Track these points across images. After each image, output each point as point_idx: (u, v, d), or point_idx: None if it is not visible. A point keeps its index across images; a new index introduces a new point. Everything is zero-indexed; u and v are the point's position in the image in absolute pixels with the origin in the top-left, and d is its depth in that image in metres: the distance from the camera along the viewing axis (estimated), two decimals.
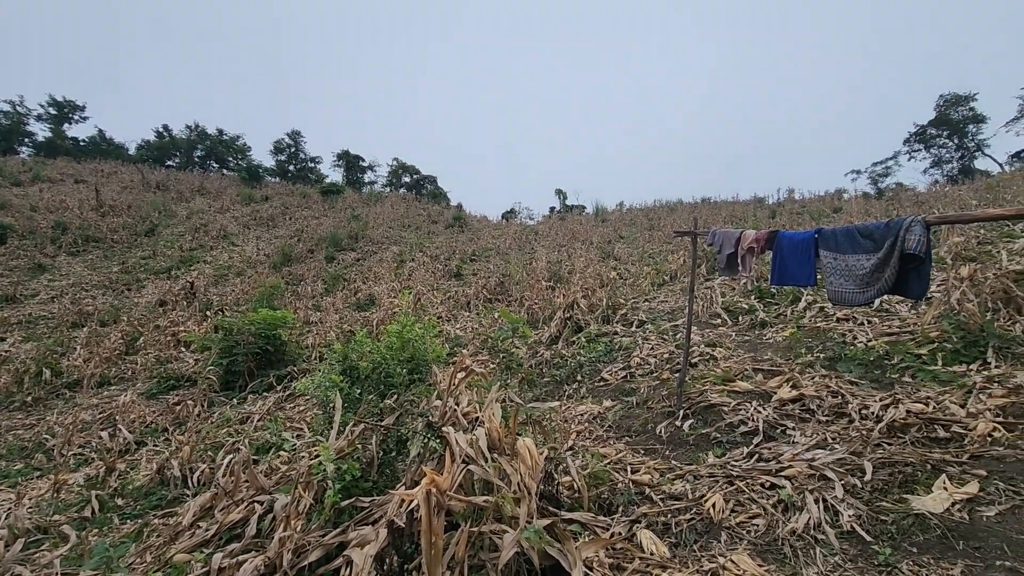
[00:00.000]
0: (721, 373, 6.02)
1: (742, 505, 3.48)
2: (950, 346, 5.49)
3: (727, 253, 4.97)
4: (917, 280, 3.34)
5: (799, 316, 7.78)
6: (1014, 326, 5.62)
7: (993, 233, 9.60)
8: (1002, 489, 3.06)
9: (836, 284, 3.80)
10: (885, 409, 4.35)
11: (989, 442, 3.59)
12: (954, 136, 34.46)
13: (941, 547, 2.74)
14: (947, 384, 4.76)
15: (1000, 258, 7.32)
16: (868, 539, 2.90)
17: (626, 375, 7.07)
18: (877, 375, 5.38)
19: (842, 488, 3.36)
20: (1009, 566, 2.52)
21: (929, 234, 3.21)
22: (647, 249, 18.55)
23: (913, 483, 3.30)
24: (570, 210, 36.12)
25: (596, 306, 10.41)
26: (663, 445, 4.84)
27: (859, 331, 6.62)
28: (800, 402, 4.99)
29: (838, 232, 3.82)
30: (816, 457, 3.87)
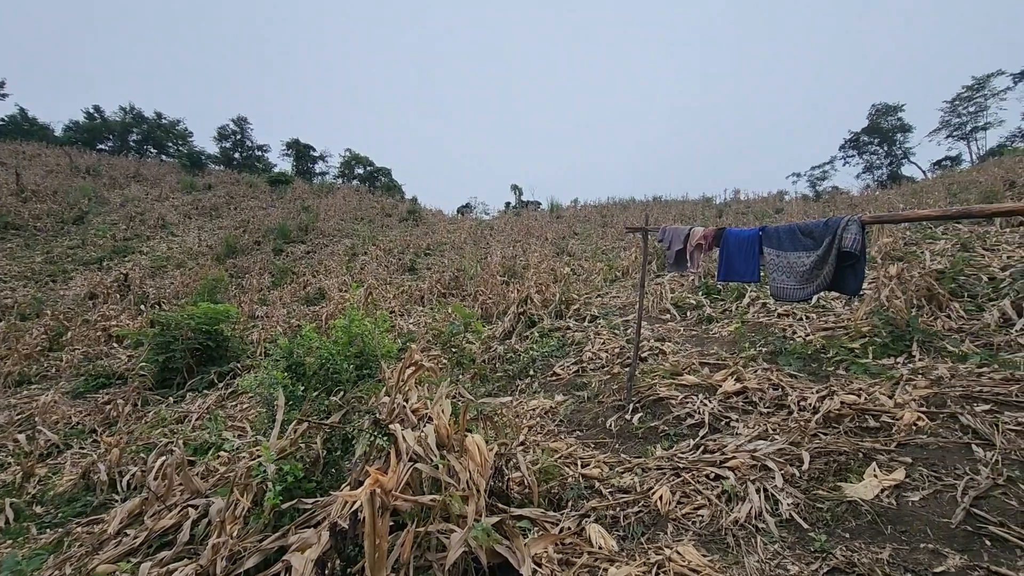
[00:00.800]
0: (669, 367, 6.15)
1: (688, 497, 3.55)
2: (880, 340, 5.80)
3: (676, 250, 5.05)
4: (853, 277, 3.48)
5: (743, 312, 8.06)
6: (936, 321, 6.00)
7: (918, 235, 10.24)
8: (925, 475, 3.24)
9: (779, 281, 3.92)
10: (821, 401, 4.54)
11: (914, 431, 3.79)
12: (884, 144, 36.69)
13: (871, 532, 2.87)
14: (877, 376, 5.02)
15: (924, 258, 7.82)
16: (805, 526, 3.01)
17: (578, 370, 7.12)
18: (814, 368, 5.62)
19: (782, 478, 3.47)
20: (932, 548, 2.66)
21: (864, 233, 3.35)
22: (600, 245, 18.80)
23: (846, 471, 3.45)
24: (525, 206, 36.25)
25: (549, 301, 10.45)
26: (613, 439, 4.89)
27: (798, 326, 6.92)
28: (744, 395, 5.15)
29: (781, 230, 3.94)
30: (758, 448, 4.00)
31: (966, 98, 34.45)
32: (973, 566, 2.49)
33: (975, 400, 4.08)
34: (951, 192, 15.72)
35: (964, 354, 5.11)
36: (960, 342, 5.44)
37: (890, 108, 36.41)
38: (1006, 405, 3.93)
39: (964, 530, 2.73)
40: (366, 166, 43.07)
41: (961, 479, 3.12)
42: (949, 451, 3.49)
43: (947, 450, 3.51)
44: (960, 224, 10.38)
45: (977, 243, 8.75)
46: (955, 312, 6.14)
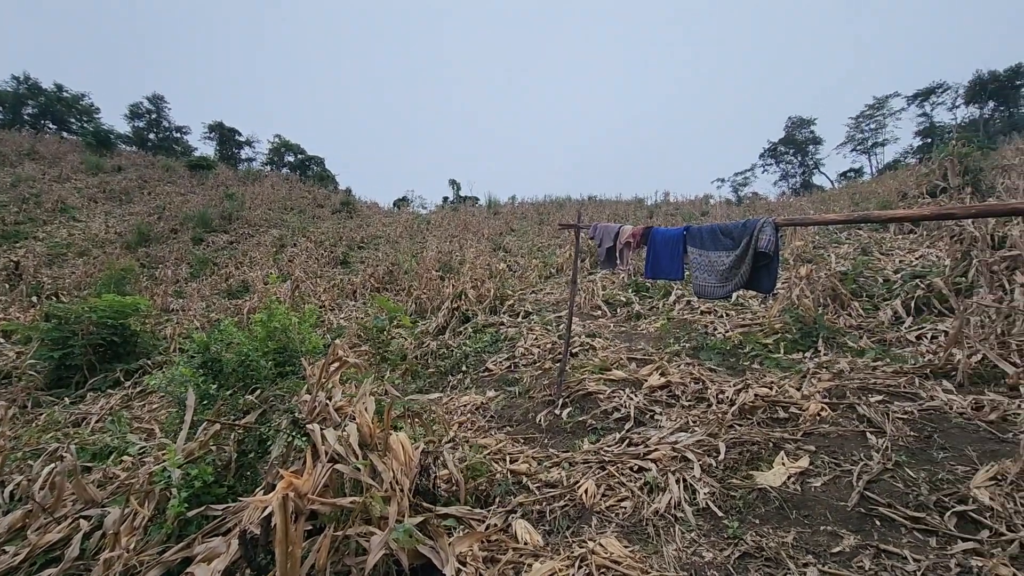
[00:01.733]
0: (599, 363, 6.28)
1: (612, 489, 3.62)
2: (791, 336, 6.20)
3: (606, 247, 5.15)
4: (767, 276, 3.67)
5: (669, 309, 8.38)
6: (839, 319, 6.49)
7: (826, 239, 11.08)
8: (827, 462, 3.48)
9: (700, 279, 4.07)
10: (738, 394, 4.78)
11: (818, 421, 4.07)
12: (798, 154, 39.51)
13: (778, 517, 3.04)
14: (787, 370, 5.36)
15: (830, 260, 8.44)
16: (720, 514, 3.14)
17: (510, 365, 7.14)
18: (733, 362, 5.92)
19: (700, 468, 3.62)
20: (831, 530, 2.85)
21: (777, 235, 3.54)
22: (536, 242, 18.98)
23: (758, 460, 3.65)
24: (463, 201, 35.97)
25: (484, 297, 10.41)
26: (542, 434, 4.92)
27: (719, 323, 7.27)
28: (668, 389, 5.34)
29: (703, 230, 4.10)
30: (679, 440, 4.15)
31: (868, 116, 37.74)
32: (865, 545, 2.68)
33: (870, 391, 4.44)
34: (854, 201, 17.12)
35: (862, 349, 5.55)
36: (859, 338, 5.91)
37: (804, 121, 39.25)
38: (896, 396, 4.30)
39: (858, 512, 2.95)
40: (297, 154, 41.19)
41: (857, 465, 3.38)
42: (847, 439, 3.77)
43: (846, 438, 3.79)
44: (861, 230, 11.32)
45: (875, 248, 9.57)
46: (855, 311, 6.67)
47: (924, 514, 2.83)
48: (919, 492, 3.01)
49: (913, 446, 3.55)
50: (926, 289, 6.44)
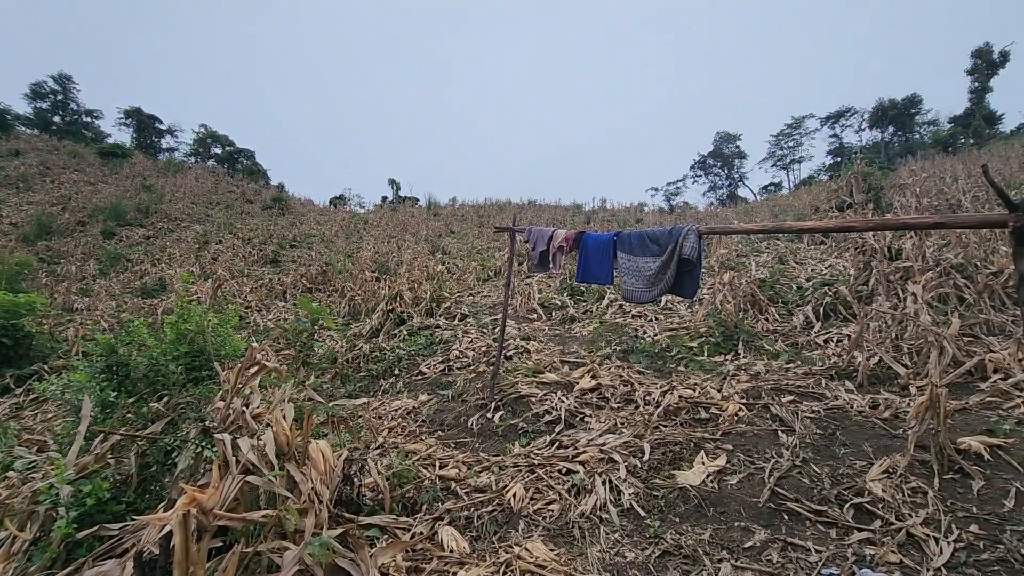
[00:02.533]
0: (532, 366, 6.31)
1: (540, 493, 3.63)
2: (714, 340, 6.49)
3: (540, 251, 5.19)
4: (690, 282, 3.82)
5: (603, 312, 8.57)
6: (757, 323, 6.88)
7: (747, 248, 11.73)
8: (742, 460, 3.66)
9: (629, 283, 4.18)
10: (663, 395, 4.94)
11: (736, 420, 4.28)
12: (725, 167, 41.82)
13: (697, 515, 3.16)
14: (710, 372, 5.61)
15: (750, 268, 8.94)
16: (643, 514, 3.22)
17: (444, 368, 7.04)
18: (660, 365, 6.13)
19: (625, 469, 3.70)
20: (744, 526, 2.99)
21: (701, 242, 3.68)
22: (476, 245, 18.92)
23: (680, 460, 3.78)
24: (403, 201, 35.32)
25: (421, 299, 10.24)
26: (474, 438, 4.87)
27: (648, 327, 7.52)
28: (598, 391, 5.44)
29: (632, 236, 4.21)
30: (607, 442, 4.23)
31: (786, 134, 40.55)
32: (774, 539, 2.83)
33: (783, 392, 4.72)
34: (774, 212, 18.28)
35: (777, 352, 5.90)
36: (775, 341, 6.28)
37: (730, 136, 41.63)
38: (805, 395, 4.60)
39: (769, 508, 3.11)
40: (225, 146, 38.96)
41: (769, 462, 3.57)
42: (761, 438, 3.98)
43: (760, 437, 4.00)
44: (779, 240, 12.08)
45: (791, 257, 10.23)
46: (772, 315, 7.09)
47: (826, 507, 3.03)
48: (822, 487, 3.22)
49: (818, 443, 3.80)
50: (833, 296, 6.95)
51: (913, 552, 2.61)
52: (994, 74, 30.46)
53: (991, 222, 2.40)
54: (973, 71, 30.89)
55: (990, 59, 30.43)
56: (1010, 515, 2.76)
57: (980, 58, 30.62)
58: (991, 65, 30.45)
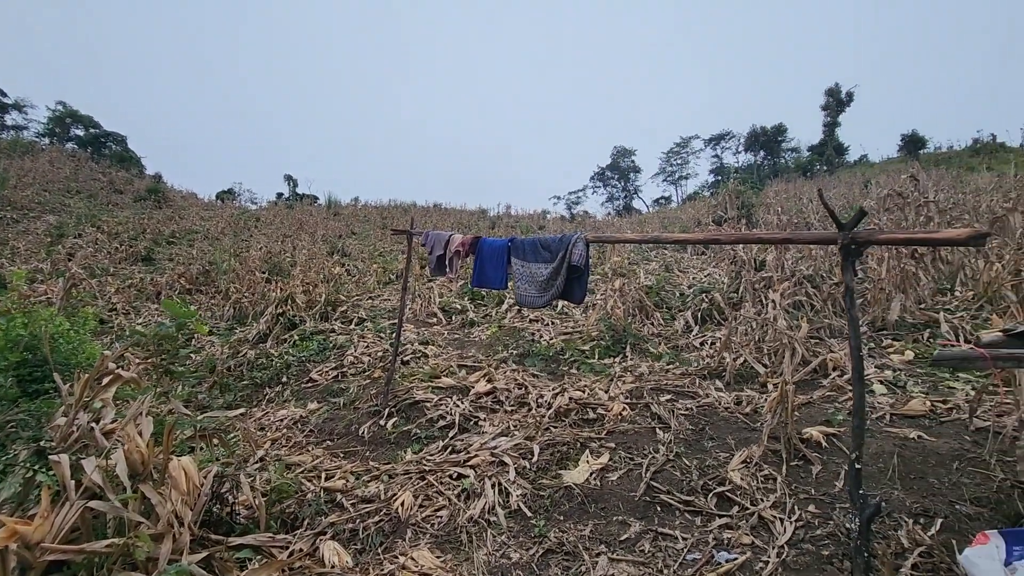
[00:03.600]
0: (429, 370, 6.24)
1: (430, 499, 3.58)
2: (604, 343, 6.83)
3: (437, 255, 5.15)
4: (579, 288, 3.99)
5: (501, 317, 8.69)
6: (644, 327, 7.34)
7: (638, 257, 12.50)
8: (623, 457, 3.87)
9: (522, 288, 4.27)
10: (555, 397, 5.10)
11: (619, 419, 4.52)
12: (621, 180, 44.36)
13: (580, 512, 3.29)
14: (600, 374, 5.88)
15: (639, 275, 9.53)
16: (529, 514, 3.29)
17: (338, 375, 6.76)
18: (554, 368, 6.32)
19: (515, 471, 3.76)
20: (621, 519, 3.16)
21: (588, 250, 3.85)
22: (379, 247, 18.39)
23: (567, 459, 3.92)
24: (300, 199, 33.43)
25: (315, 302, 9.76)
26: (365, 446, 4.71)
27: (545, 331, 7.74)
28: (493, 395, 5.49)
29: (526, 242, 4.31)
30: (499, 444, 4.28)
31: (675, 152, 43.90)
32: (648, 531, 3.02)
33: (662, 391, 5.07)
34: (663, 224, 19.66)
35: (660, 354, 6.33)
36: (658, 344, 6.74)
37: (627, 151, 44.27)
38: (681, 394, 4.97)
39: (644, 501, 3.32)
40: (89, 127, 34.38)
41: (646, 458, 3.81)
42: (641, 435, 4.24)
43: (640, 434, 4.26)
44: (667, 251, 13.01)
45: (675, 266, 11.06)
46: (657, 320, 7.60)
47: (694, 497, 3.29)
48: (691, 478, 3.50)
49: (690, 438, 4.12)
50: (709, 302, 7.60)
51: (763, 533, 2.91)
52: (842, 111, 35.17)
53: (825, 239, 2.74)
54: (826, 107, 35.46)
55: (839, 98, 35.12)
56: (839, 494, 3.16)
57: (832, 96, 35.22)
58: (840, 103, 35.14)
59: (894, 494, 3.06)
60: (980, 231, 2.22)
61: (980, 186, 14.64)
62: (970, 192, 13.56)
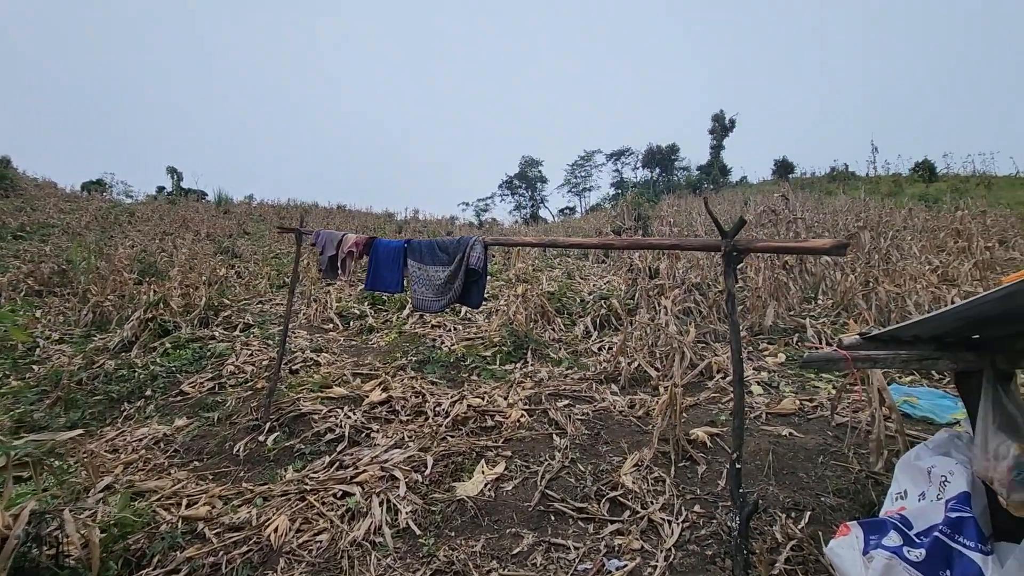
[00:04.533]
0: (320, 379, 5.81)
1: (310, 522, 3.26)
2: (506, 349, 6.76)
3: (329, 255, 4.80)
4: (477, 291, 3.86)
5: (402, 322, 8.36)
6: (545, 333, 7.38)
7: (543, 264, 12.69)
8: (519, 465, 3.79)
9: (419, 292, 4.06)
10: (453, 405, 4.93)
11: (517, 426, 4.44)
12: (529, 189, 45.31)
13: (472, 526, 3.14)
14: (500, 380, 5.79)
15: (542, 282, 9.64)
16: (418, 533, 3.09)
17: (214, 386, 6.10)
18: (454, 375, 6.14)
19: (406, 486, 3.54)
20: (514, 532, 3.06)
21: (486, 253, 3.74)
22: (275, 248, 17.14)
23: (462, 471, 3.76)
24: (185, 194, 30.42)
25: (194, 306, 8.82)
26: (239, 466, 4.24)
27: (447, 336, 7.54)
28: (388, 404, 5.21)
29: (423, 244, 4.12)
30: (392, 457, 4.02)
31: (580, 165, 45.66)
32: (540, 542, 2.94)
33: (560, 396, 5.08)
34: (567, 233, 20.22)
35: (560, 359, 6.38)
36: (558, 350, 6.79)
37: (534, 161, 45.34)
38: (578, 399, 5.01)
39: (539, 511, 3.24)
40: None
41: (542, 465, 3.75)
42: (539, 442, 4.19)
43: (537, 441, 4.20)
44: (570, 258, 13.33)
45: (577, 273, 11.34)
46: (558, 325, 7.68)
47: (587, 504, 3.27)
48: (585, 484, 3.48)
49: (586, 443, 4.13)
50: (608, 308, 7.82)
51: (652, 537, 2.94)
52: (726, 135, 38.52)
53: (709, 246, 2.84)
54: (712, 131, 38.65)
55: (724, 123, 38.43)
56: (722, 493, 3.29)
57: (717, 122, 38.47)
58: (724, 128, 38.46)
59: (769, 490, 3.23)
60: (841, 242, 2.38)
61: (837, 207, 16.59)
62: (829, 212, 15.31)
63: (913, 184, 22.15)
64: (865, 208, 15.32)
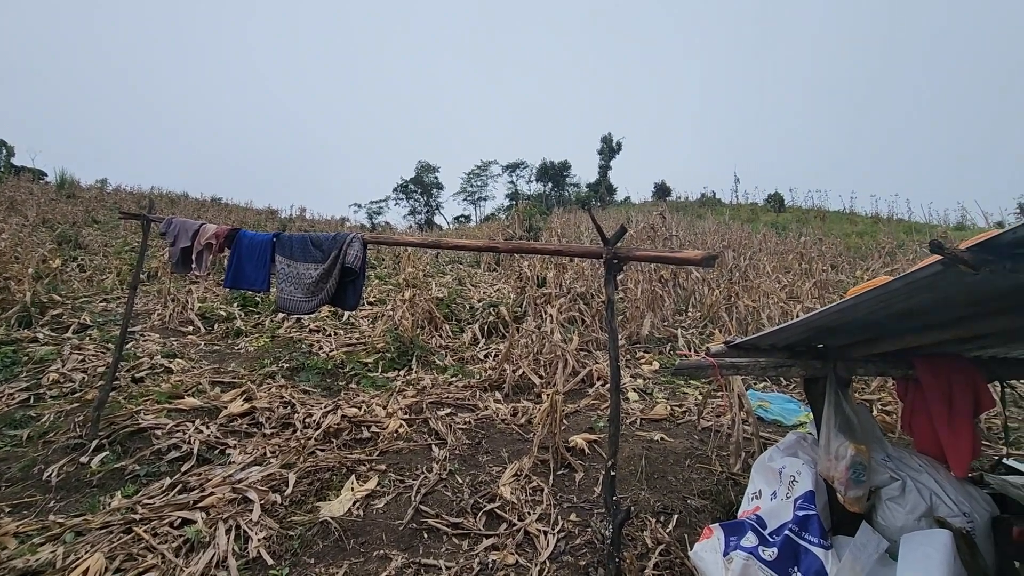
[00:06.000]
0: (169, 388, 5.08)
1: (135, 559, 2.74)
2: (390, 355, 6.44)
3: (182, 247, 4.21)
4: (353, 292, 3.57)
5: (276, 326, 7.66)
6: (432, 339, 7.16)
7: (434, 270, 12.43)
8: (393, 480, 3.54)
9: (286, 291, 3.68)
10: (326, 416, 4.54)
11: (395, 437, 4.18)
12: (424, 194, 44.71)
13: (335, 551, 2.84)
14: (381, 388, 5.47)
15: (432, 287, 9.40)
16: (271, 562, 2.72)
17: (28, 397, 5.09)
18: (330, 383, 5.70)
19: (261, 508, 3.13)
20: (383, 553, 2.81)
21: (365, 251, 3.47)
22: (131, 240, 15.04)
23: (328, 488, 3.43)
24: (16, 172, 25.81)
25: (11, 303, 7.41)
26: (50, 493, 3.52)
27: (326, 342, 7.02)
28: (251, 416, 4.68)
29: (294, 239, 3.74)
30: (247, 476, 3.57)
31: (476, 174, 45.97)
32: (411, 563, 2.73)
33: (443, 405, 4.89)
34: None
35: (445, 367, 6.19)
36: (445, 357, 6.60)
37: (431, 167, 44.86)
38: (461, 407, 4.86)
39: (411, 528, 3.02)
40: None
41: (418, 479, 3.53)
42: (417, 453, 3.97)
43: (415, 452, 3.98)
44: (461, 264, 13.22)
45: (468, 280, 11.24)
46: (446, 332, 7.49)
47: (463, 519, 3.11)
48: (463, 497, 3.33)
49: (466, 453, 3.99)
50: (496, 316, 7.79)
51: (528, 550, 2.86)
52: (613, 157, 40.96)
53: (591, 253, 2.84)
54: (601, 152, 40.92)
55: (611, 145, 40.85)
56: (598, 500, 3.31)
57: (606, 143, 40.80)
58: (612, 150, 40.89)
59: (641, 495, 3.31)
60: (711, 254, 2.48)
61: (706, 229, 18.23)
62: (699, 233, 16.76)
63: (766, 213, 25.08)
64: (728, 231, 16.99)
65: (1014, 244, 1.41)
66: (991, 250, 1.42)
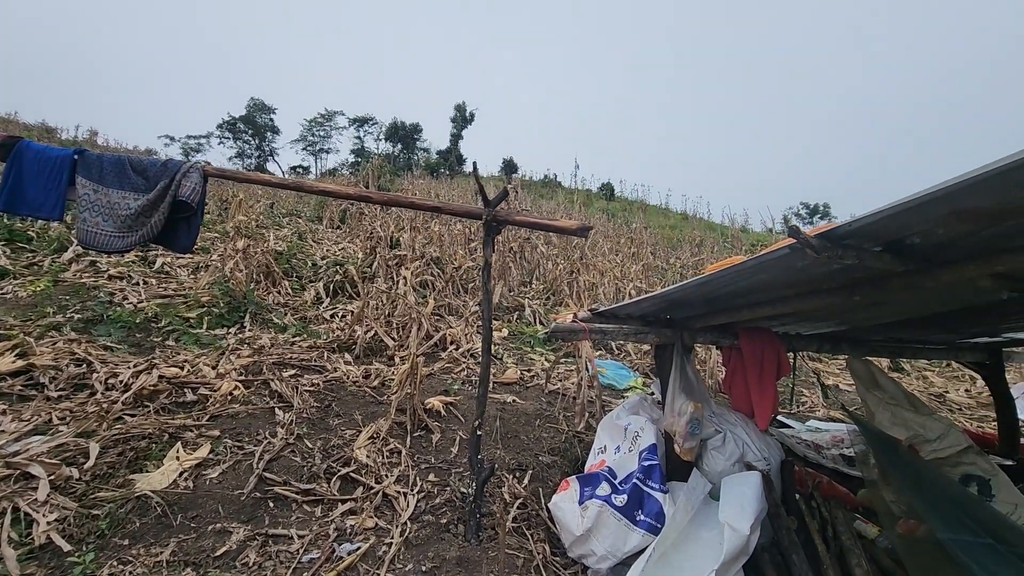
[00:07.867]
0: None
1: None
2: (217, 311, 5.67)
3: None
4: (187, 232, 3.05)
5: (61, 268, 6.23)
6: (269, 296, 6.48)
7: (270, 221, 11.20)
8: (230, 446, 3.15)
9: (91, 223, 2.99)
10: (137, 376, 3.84)
11: (229, 400, 3.72)
12: (256, 137, 39.90)
13: (158, 528, 2.45)
14: (207, 347, 4.81)
15: (268, 240, 8.48)
16: (67, 548, 2.24)
17: None
18: (140, 339, 4.84)
19: (50, 486, 2.55)
20: (220, 527, 2.50)
21: (205, 184, 2.97)
22: None
23: (145, 459, 2.92)
24: None
25: None
26: None
27: (132, 291, 5.91)
28: (28, 375, 3.76)
29: (104, 159, 3.04)
30: (28, 448, 2.87)
31: (319, 124, 42.28)
32: (255, 535, 2.47)
33: (286, 366, 4.47)
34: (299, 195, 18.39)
35: (285, 326, 5.66)
36: (284, 315, 6.03)
37: (266, 107, 40.03)
38: (307, 369, 4.50)
39: (254, 498, 2.73)
40: None
41: (261, 444, 3.20)
42: (257, 417, 3.58)
43: (255, 416, 3.59)
44: (300, 219, 12.14)
45: (310, 236, 10.36)
46: (285, 289, 6.84)
47: (315, 484, 2.90)
48: (314, 462, 3.10)
49: (315, 417, 3.71)
50: (343, 275, 7.32)
51: (387, 512, 2.78)
52: (466, 127, 40.91)
53: (472, 213, 2.80)
54: (454, 120, 40.56)
55: (464, 115, 40.70)
56: (456, 460, 3.34)
57: (459, 112, 40.52)
58: (464, 120, 40.77)
59: (497, 453, 3.42)
60: (586, 225, 2.61)
61: (549, 209, 19.29)
62: (545, 212, 17.67)
63: (599, 199, 27.40)
64: (571, 213, 18.18)
65: (844, 236, 1.71)
66: (830, 239, 1.71)
